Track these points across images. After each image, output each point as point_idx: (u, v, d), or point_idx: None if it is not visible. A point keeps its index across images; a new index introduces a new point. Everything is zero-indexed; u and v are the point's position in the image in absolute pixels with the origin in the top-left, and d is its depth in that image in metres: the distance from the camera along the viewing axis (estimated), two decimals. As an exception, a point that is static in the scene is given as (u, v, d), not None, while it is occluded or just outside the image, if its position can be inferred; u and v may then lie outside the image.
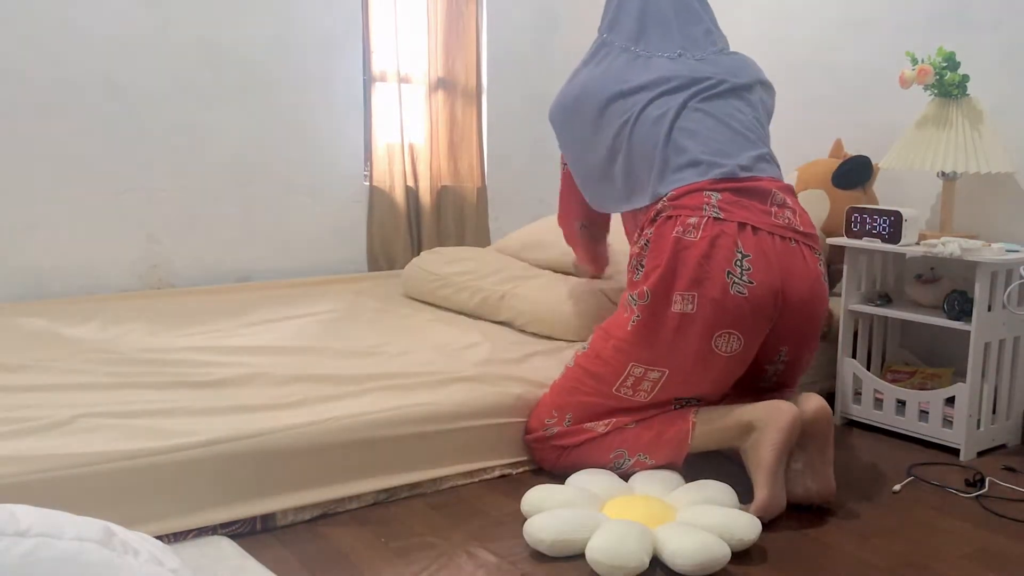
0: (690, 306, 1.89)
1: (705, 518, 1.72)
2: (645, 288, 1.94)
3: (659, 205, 2.00)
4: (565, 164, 2.39)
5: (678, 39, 2.19)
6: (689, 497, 1.84)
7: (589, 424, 2.00)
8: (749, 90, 2.19)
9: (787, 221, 1.97)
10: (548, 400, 2.10)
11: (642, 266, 1.99)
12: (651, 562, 1.64)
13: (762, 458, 1.85)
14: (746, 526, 1.71)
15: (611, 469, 1.99)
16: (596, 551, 1.61)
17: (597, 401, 2.00)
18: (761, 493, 1.83)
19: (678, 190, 1.98)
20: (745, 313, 1.90)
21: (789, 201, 2.03)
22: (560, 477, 1.99)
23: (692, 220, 1.93)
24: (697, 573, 1.60)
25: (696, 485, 1.89)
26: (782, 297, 1.93)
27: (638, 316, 1.95)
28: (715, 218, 1.92)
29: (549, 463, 2.08)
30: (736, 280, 1.88)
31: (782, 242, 1.94)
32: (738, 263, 1.89)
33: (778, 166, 2.14)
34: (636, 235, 2.08)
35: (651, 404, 2.00)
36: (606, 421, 1.99)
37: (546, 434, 2.04)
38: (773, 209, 1.98)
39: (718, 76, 2.15)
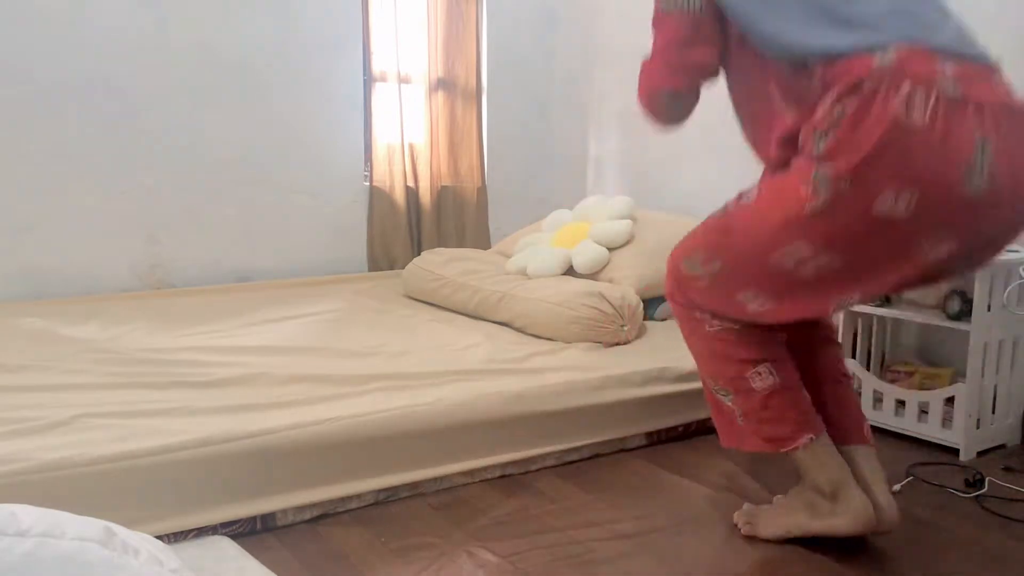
0: (903, 208, 1.46)
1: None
2: (845, 170, 1.47)
3: (874, 61, 1.47)
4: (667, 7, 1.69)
5: None
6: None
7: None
8: None
9: (1021, 105, 1.52)
10: (692, 243, 1.78)
11: (826, 136, 1.50)
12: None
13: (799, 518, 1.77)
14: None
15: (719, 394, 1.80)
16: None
17: (740, 260, 1.67)
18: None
19: (910, 48, 1.48)
20: (974, 216, 1.49)
21: (1005, 80, 1.56)
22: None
23: (919, 96, 1.43)
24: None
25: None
26: (1021, 197, 1.50)
27: (826, 202, 1.50)
28: (951, 98, 1.44)
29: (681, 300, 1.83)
30: (976, 176, 1.45)
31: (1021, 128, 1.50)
32: (979, 155, 1.44)
33: None
34: (812, 99, 1.54)
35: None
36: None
37: (687, 274, 1.77)
38: (1000, 89, 1.51)
39: None
